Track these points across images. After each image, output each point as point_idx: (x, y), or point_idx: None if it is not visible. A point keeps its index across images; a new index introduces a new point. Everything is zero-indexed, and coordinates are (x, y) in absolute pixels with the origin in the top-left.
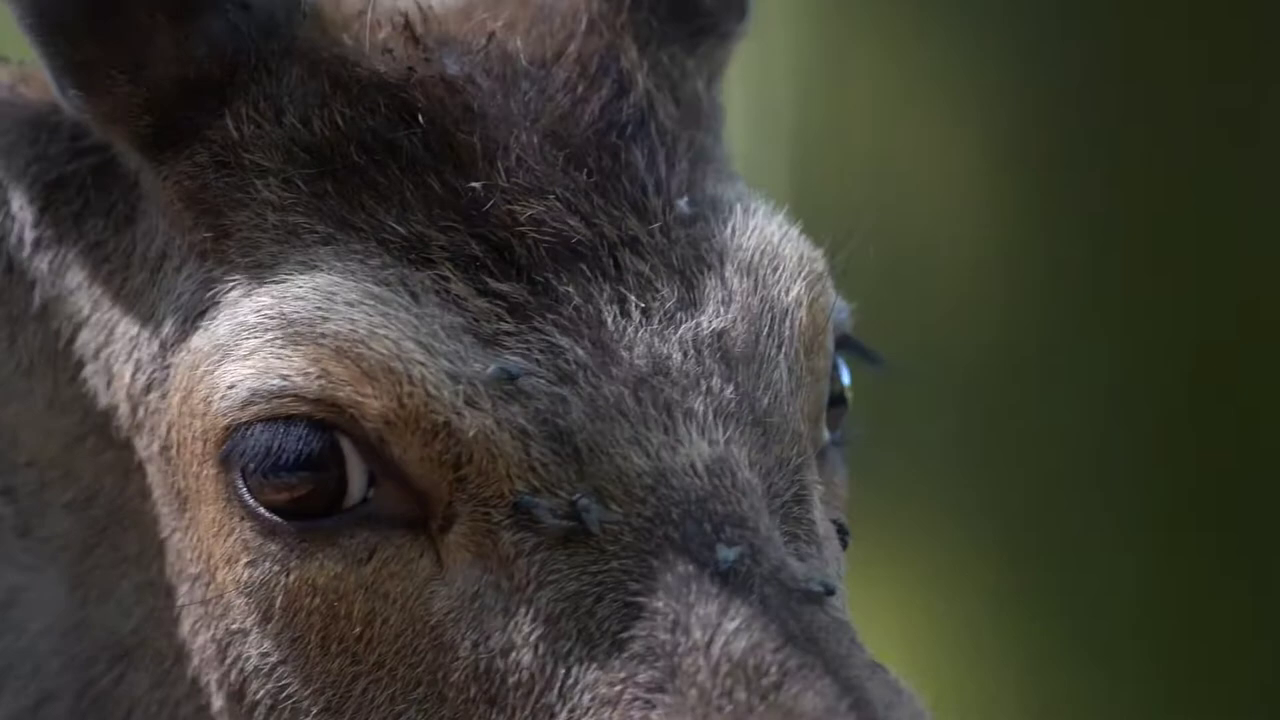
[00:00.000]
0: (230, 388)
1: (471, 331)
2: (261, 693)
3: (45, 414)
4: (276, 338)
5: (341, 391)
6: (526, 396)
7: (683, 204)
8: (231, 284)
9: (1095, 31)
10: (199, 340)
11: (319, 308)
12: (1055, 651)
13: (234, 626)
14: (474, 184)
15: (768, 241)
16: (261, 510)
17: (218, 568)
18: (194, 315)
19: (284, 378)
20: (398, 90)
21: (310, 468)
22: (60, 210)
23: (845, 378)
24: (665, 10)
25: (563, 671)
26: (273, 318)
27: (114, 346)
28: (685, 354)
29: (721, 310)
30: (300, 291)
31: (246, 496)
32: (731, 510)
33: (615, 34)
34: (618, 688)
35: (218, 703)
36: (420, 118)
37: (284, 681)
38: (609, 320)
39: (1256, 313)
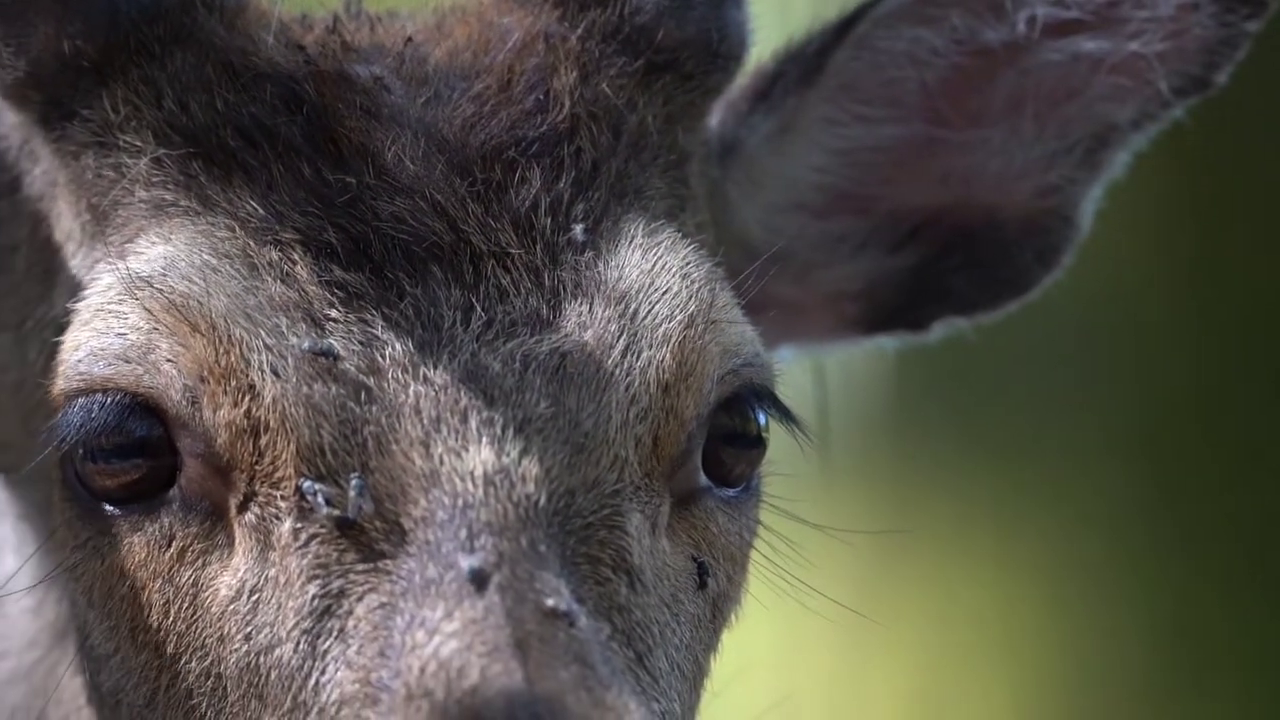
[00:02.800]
0: (74, 350)
1: (302, 310)
2: (108, 683)
3: (12, 391)
4: (119, 294)
5: (165, 341)
6: (331, 379)
7: (578, 230)
8: (104, 260)
9: None
10: (74, 318)
11: (162, 269)
12: (1174, 580)
13: (78, 614)
14: (344, 176)
15: (655, 280)
16: (83, 491)
17: (60, 550)
18: (78, 295)
19: (120, 335)
20: (289, 81)
21: (134, 454)
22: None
23: (761, 419)
24: (618, 41)
25: (319, 669)
26: (121, 280)
27: (27, 325)
28: (507, 367)
29: (576, 333)
30: (149, 257)
31: (72, 476)
32: (493, 519)
33: (557, 57)
34: (355, 686)
35: (92, 694)
36: (305, 109)
37: (116, 674)
38: (445, 324)
39: None
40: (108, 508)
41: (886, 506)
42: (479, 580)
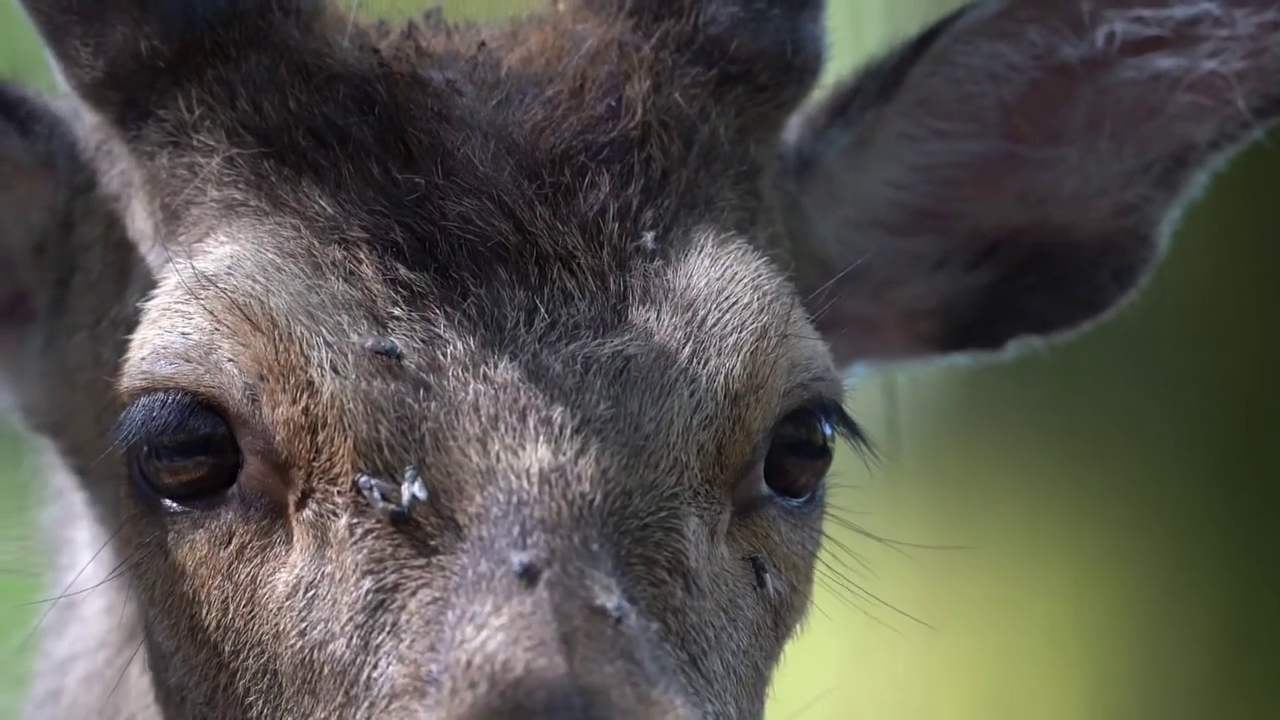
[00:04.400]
0: (139, 347)
1: (364, 308)
2: (173, 681)
3: (87, 389)
4: (184, 294)
5: (226, 341)
6: (391, 376)
7: (649, 238)
8: (174, 259)
9: None
10: (143, 317)
11: (227, 269)
12: (1246, 579)
13: (143, 612)
14: (413, 176)
15: (725, 289)
16: (147, 488)
17: (126, 548)
18: (147, 295)
19: (184, 335)
20: (361, 83)
21: (197, 451)
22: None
23: (827, 430)
24: (692, 51)
25: (371, 664)
26: (186, 279)
27: (101, 324)
28: (568, 368)
29: (641, 338)
30: (216, 256)
31: (136, 473)
32: (546, 517)
33: (631, 65)
34: (405, 680)
35: (159, 692)
36: (376, 109)
37: (179, 671)
38: (508, 324)
39: None
40: (170, 504)
41: (954, 511)
42: (529, 576)
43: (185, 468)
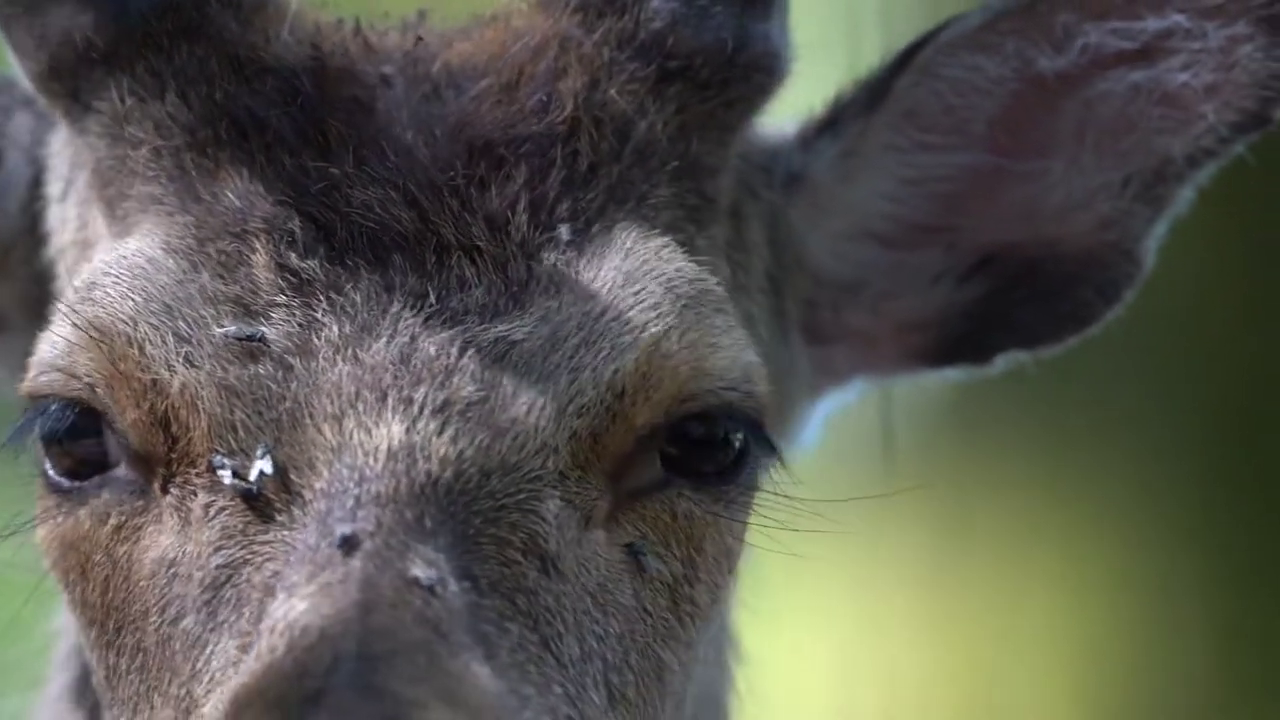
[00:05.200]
0: (37, 350)
1: (236, 300)
2: (90, 664)
3: None
4: (68, 307)
5: (81, 353)
6: (252, 361)
7: (564, 230)
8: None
9: None
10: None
11: (105, 274)
12: (1240, 582)
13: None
14: (326, 166)
15: (632, 284)
16: (48, 469)
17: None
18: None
19: (53, 346)
20: (289, 75)
21: (81, 437)
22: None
23: (732, 433)
24: (633, 48)
25: (215, 639)
26: (76, 286)
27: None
28: (442, 350)
29: (534, 325)
30: (106, 259)
31: (41, 456)
32: (382, 491)
33: (569, 60)
34: (236, 652)
35: (78, 682)
36: (299, 101)
37: (89, 654)
38: (394, 309)
39: None
40: (61, 480)
41: (951, 512)
42: (348, 547)
43: (72, 450)
